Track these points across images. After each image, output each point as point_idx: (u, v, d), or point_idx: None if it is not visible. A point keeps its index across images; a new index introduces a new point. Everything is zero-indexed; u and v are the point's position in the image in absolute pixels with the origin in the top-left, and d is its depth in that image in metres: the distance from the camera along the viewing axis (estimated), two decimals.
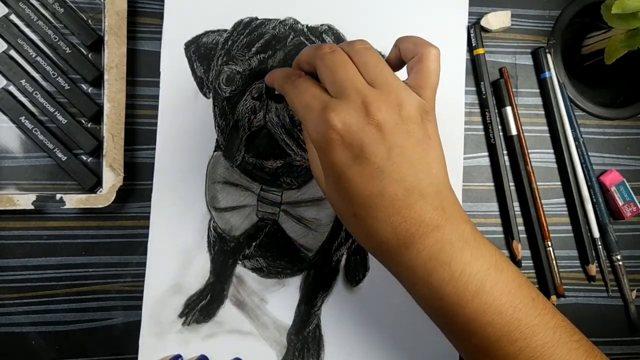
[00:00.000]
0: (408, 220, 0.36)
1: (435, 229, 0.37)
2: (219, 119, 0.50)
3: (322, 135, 0.37)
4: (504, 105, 0.54)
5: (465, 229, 0.38)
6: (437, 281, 0.37)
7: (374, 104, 0.36)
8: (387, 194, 0.36)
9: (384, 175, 0.36)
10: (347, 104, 0.37)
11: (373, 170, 0.36)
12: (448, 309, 0.37)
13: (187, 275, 0.49)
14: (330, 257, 0.51)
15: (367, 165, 0.36)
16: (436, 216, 0.37)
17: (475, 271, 0.36)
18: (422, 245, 0.36)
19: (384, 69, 0.39)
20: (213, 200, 0.49)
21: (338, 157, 0.37)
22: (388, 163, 0.36)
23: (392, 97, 0.37)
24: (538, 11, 0.56)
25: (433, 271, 0.37)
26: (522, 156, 0.54)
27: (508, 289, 0.37)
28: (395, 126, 0.36)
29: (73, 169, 0.47)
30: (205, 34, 0.50)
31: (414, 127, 0.37)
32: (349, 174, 0.37)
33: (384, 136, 0.36)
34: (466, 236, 0.37)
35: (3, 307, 0.47)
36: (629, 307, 0.54)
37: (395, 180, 0.36)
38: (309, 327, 0.50)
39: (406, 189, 0.36)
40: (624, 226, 0.55)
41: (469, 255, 0.37)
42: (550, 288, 0.53)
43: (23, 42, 0.47)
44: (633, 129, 0.56)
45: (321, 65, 0.39)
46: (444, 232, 0.37)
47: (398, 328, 0.50)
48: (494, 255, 0.38)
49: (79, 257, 0.49)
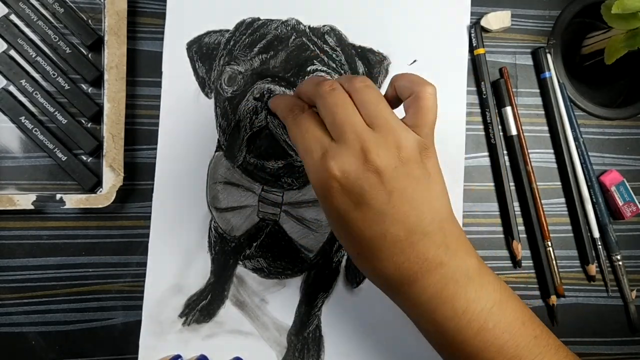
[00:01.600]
0: (411, 259, 0.37)
1: (439, 266, 0.37)
2: (221, 119, 0.50)
3: (321, 182, 0.37)
4: (504, 105, 0.54)
5: (471, 265, 0.38)
6: (440, 318, 0.37)
7: (372, 151, 0.36)
8: (389, 235, 0.36)
9: (385, 218, 0.36)
10: (346, 149, 0.36)
11: (374, 214, 0.36)
12: (451, 344, 0.38)
13: (187, 275, 0.49)
14: (331, 258, 0.51)
15: (367, 210, 0.36)
16: (440, 253, 0.37)
17: (478, 309, 0.37)
18: (426, 282, 0.37)
19: (383, 109, 0.38)
20: (214, 200, 0.49)
21: (338, 203, 0.37)
22: (389, 206, 0.36)
23: (391, 138, 0.37)
24: (538, 11, 0.56)
25: (437, 308, 0.37)
26: (522, 156, 0.54)
27: (511, 327, 0.37)
28: (394, 170, 0.36)
29: (73, 169, 0.47)
30: (207, 34, 0.50)
31: (414, 167, 0.37)
32: (350, 218, 0.37)
33: (383, 181, 0.36)
34: (471, 273, 0.37)
35: (3, 307, 0.47)
36: (629, 307, 0.54)
37: (397, 222, 0.36)
38: (309, 328, 0.50)
39: (408, 230, 0.36)
40: (624, 226, 0.55)
41: (472, 292, 0.37)
42: (550, 288, 0.53)
43: (23, 42, 0.47)
44: (633, 129, 0.56)
45: (321, 105, 0.39)
46: (448, 269, 0.37)
47: (398, 329, 0.50)
48: (497, 291, 0.38)
49: (79, 257, 0.48)
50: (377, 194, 0.36)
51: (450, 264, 0.37)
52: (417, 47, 0.52)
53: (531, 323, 0.38)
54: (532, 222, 0.53)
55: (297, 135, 0.40)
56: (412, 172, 0.37)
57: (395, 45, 0.52)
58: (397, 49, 0.52)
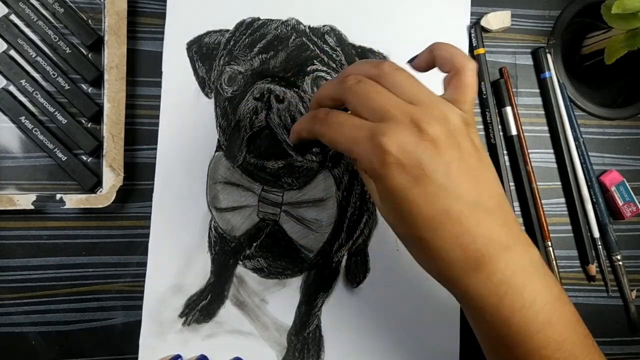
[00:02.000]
0: (478, 239, 0.34)
1: (505, 249, 0.35)
2: (221, 119, 0.50)
3: (377, 163, 0.35)
4: (504, 105, 0.54)
5: (534, 254, 0.36)
6: (507, 308, 0.35)
7: (424, 120, 0.35)
8: (453, 211, 0.34)
9: (447, 192, 0.34)
10: (395, 124, 0.35)
11: (435, 188, 0.34)
12: (512, 338, 0.35)
13: (187, 275, 0.49)
14: (331, 258, 0.51)
15: (429, 184, 0.34)
16: (503, 234, 0.35)
17: (545, 301, 0.35)
18: (494, 267, 0.34)
19: (419, 86, 0.37)
20: (214, 200, 0.49)
21: (397, 181, 0.34)
22: (449, 179, 0.34)
23: (437, 111, 0.36)
24: (538, 11, 0.56)
25: (505, 297, 0.35)
26: (522, 156, 0.54)
27: (570, 323, 0.36)
28: (448, 139, 0.35)
29: (73, 169, 0.47)
30: (207, 34, 0.50)
31: (464, 139, 0.36)
32: (411, 196, 0.34)
33: (440, 151, 0.34)
34: (535, 262, 0.36)
35: (3, 307, 0.47)
36: (629, 307, 0.54)
37: (459, 197, 0.34)
38: (309, 328, 0.50)
39: (471, 205, 0.34)
40: (624, 226, 0.55)
41: (539, 284, 0.35)
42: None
43: (23, 42, 0.47)
44: (633, 129, 0.56)
45: (352, 97, 0.37)
46: (515, 255, 0.35)
47: (398, 329, 0.50)
48: (557, 286, 0.36)
49: (79, 257, 0.48)
50: (437, 165, 0.34)
51: (516, 249, 0.35)
52: (417, 47, 0.52)
53: (582, 322, 0.37)
54: (532, 222, 0.53)
55: (334, 133, 0.38)
56: (464, 145, 0.35)
57: (395, 45, 0.52)
58: (397, 49, 0.52)
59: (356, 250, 0.51)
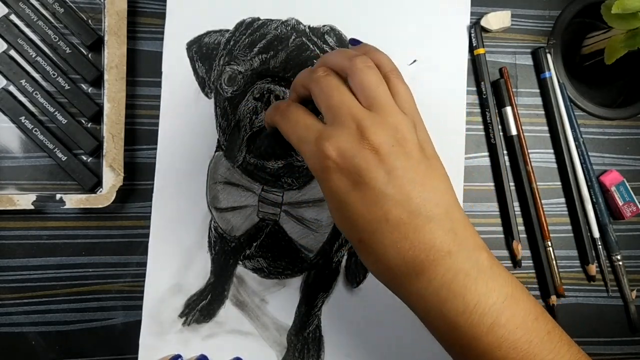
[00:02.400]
0: (416, 245, 0.35)
1: (447, 255, 0.35)
2: (221, 119, 0.50)
3: (318, 165, 0.36)
4: (504, 105, 0.54)
5: (481, 257, 0.36)
6: (450, 312, 0.35)
7: (369, 128, 0.35)
8: (392, 217, 0.35)
9: (386, 198, 0.35)
10: (341, 129, 0.36)
11: (374, 194, 0.35)
12: (462, 340, 0.36)
13: (187, 275, 0.49)
14: (331, 258, 0.51)
15: (367, 190, 0.35)
16: (447, 240, 0.35)
17: (491, 303, 0.35)
18: (434, 273, 0.35)
19: (382, 92, 0.37)
20: (214, 200, 0.49)
21: (336, 185, 0.36)
22: (389, 186, 0.35)
23: (390, 119, 0.36)
24: (538, 11, 0.56)
25: (446, 301, 0.35)
26: (522, 156, 0.54)
27: (524, 322, 0.36)
28: (392, 148, 0.35)
29: (73, 169, 0.47)
30: (207, 33, 0.50)
31: (412, 148, 0.36)
32: (350, 200, 0.35)
33: (381, 159, 0.35)
34: (481, 264, 0.36)
35: (3, 307, 0.47)
36: (629, 307, 0.54)
37: (399, 203, 0.35)
38: (309, 328, 0.50)
39: (411, 212, 0.35)
40: (624, 226, 0.55)
41: (484, 286, 0.35)
42: (551, 288, 0.53)
43: (23, 42, 0.47)
44: (633, 129, 0.56)
45: (316, 89, 0.38)
46: (457, 260, 0.35)
47: (398, 329, 0.50)
48: (509, 285, 0.36)
49: (79, 257, 0.48)
50: (376, 172, 0.35)
51: (459, 254, 0.35)
52: (417, 47, 0.52)
53: (543, 318, 0.37)
54: (532, 222, 0.53)
55: (288, 128, 0.39)
56: (411, 153, 0.36)
57: (395, 45, 0.52)
58: (397, 49, 0.52)
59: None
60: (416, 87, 0.52)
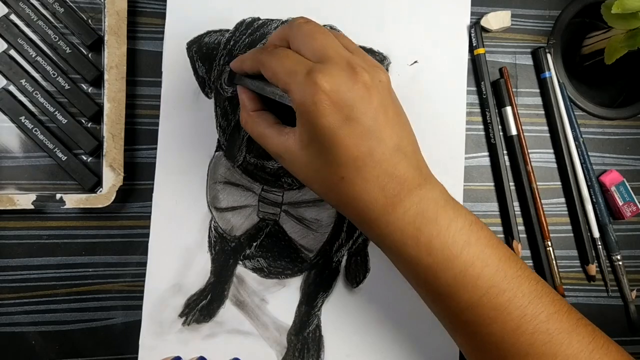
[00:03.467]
0: (394, 179, 0.38)
1: (418, 187, 0.38)
2: (221, 119, 0.50)
3: (309, 99, 0.36)
4: (504, 105, 0.54)
5: (443, 189, 0.40)
6: (426, 237, 0.38)
7: (359, 65, 0.37)
8: (376, 153, 0.37)
9: (372, 135, 0.37)
10: (332, 65, 0.37)
11: (362, 130, 0.37)
12: (437, 265, 0.38)
13: (187, 275, 0.49)
14: (331, 258, 0.51)
15: (357, 125, 0.36)
16: (416, 175, 0.38)
17: (460, 226, 0.38)
18: (410, 202, 0.38)
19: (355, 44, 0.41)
20: (214, 200, 0.49)
21: (328, 120, 0.36)
22: (376, 123, 0.37)
23: (369, 61, 0.39)
24: (538, 11, 0.56)
25: (422, 227, 0.38)
26: (522, 156, 0.54)
27: (491, 242, 0.39)
28: (376, 87, 0.37)
29: (73, 169, 0.47)
30: (207, 33, 0.50)
31: (389, 91, 0.39)
32: (340, 135, 0.36)
33: (371, 97, 0.37)
34: (445, 195, 0.40)
35: (3, 307, 0.47)
36: (629, 307, 0.54)
37: (382, 140, 0.37)
38: (309, 328, 0.50)
39: (391, 149, 0.37)
40: (623, 226, 0.55)
41: (451, 212, 0.39)
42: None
43: (23, 42, 0.47)
44: (633, 129, 0.56)
45: (299, 34, 0.39)
46: (426, 191, 0.38)
47: (398, 329, 0.50)
48: (471, 214, 0.40)
49: (79, 257, 0.48)
50: (366, 108, 0.37)
51: (427, 186, 0.39)
52: (417, 47, 0.52)
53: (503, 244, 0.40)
54: (532, 222, 0.53)
55: (276, 64, 0.39)
56: (388, 95, 0.39)
57: (395, 45, 0.52)
58: (396, 49, 0.52)
59: (356, 250, 0.51)
60: (416, 87, 0.52)
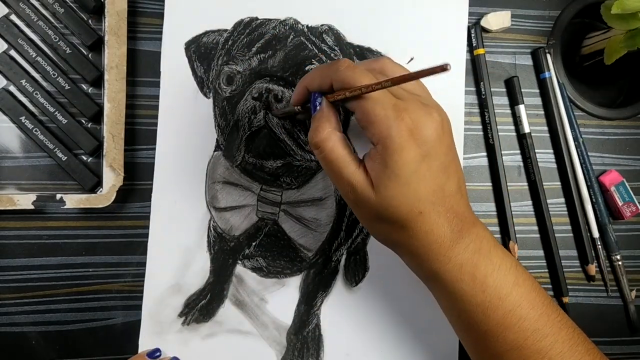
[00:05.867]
0: (458, 215, 0.39)
1: (473, 225, 0.40)
2: (219, 118, 0.50)
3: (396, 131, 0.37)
4: (517, 103, 0.54)
5: (488, 231, 0.41)
6: (482, 273, 0.39)
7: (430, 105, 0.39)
8: (446, 189, 0.39)
9: (445, 171, 0.38)
10: (411, 102, 0.38)
11: (438, 165, 0.38)
12: (488, 303, 0.39)
13: (187, 274, 0.49)
14: (330, 257, 0.51)
15: (434, 161, 0.38)
16: (471, 213, 0.41)
17: (509, 265, 0.40)
18: (469, 239, 0.39)
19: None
20: (213, 200, 0.49)
21: (411, 154, 0.37)
22: (447, 159, 0.39)
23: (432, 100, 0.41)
24: (538, 11, 0.56)
25: (479, 263, 0.39)
26: (534, 154, 0.54)
27: (534, 285, 0.41)
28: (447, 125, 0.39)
29: (73, 169, 0.47)
30: (205, 33, 0.50)
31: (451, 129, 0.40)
32: (421, 170, 0.37)
33: (444, 134, 0.38)
34: (491, 236, 0.41)
35: (3, 307, 0.47)
36: (628, 307, 0.54)
37: (451, 177, 0.39)
38: (308, 327, 0.50)
39: (457, 186, 0.39)
40: (623, 226, 0.55)
41: (500, 252, 0.40)
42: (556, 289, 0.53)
43: (23, 42, 0.47)
44: (633, 129, 0.56)
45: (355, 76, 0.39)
46: (480, 229, 0.40)
47: (397, 327, 0.50)
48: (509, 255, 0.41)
49: (79, 257, 0.49)
50: (441, 146, 0.38)
51: (479, 225, 0.41)
52: (416, 46, 0.52)
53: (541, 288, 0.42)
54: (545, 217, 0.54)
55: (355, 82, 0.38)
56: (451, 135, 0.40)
57: (394, 45, 0.52)
58: (395, 49, 0.52)
59: (355, 249, 0.51)
60: None
